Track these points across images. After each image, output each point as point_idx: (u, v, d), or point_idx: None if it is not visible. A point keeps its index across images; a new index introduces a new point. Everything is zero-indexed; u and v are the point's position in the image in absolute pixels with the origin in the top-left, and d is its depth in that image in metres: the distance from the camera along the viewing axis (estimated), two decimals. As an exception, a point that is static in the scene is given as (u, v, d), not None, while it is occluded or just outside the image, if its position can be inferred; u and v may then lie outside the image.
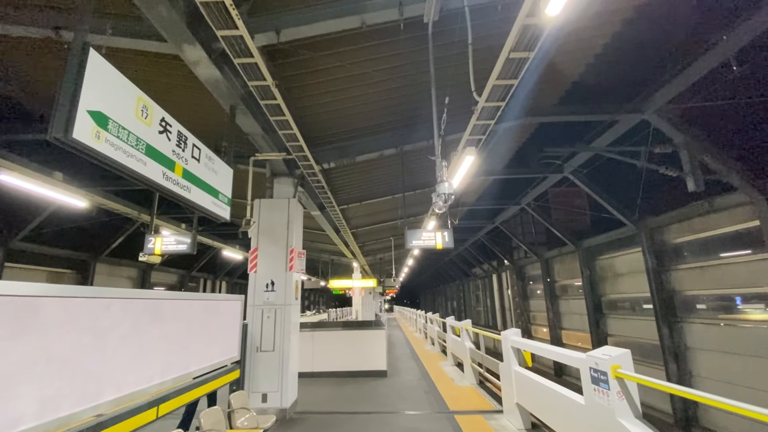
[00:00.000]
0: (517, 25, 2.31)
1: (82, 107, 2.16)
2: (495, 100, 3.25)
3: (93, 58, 2.27)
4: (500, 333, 5.35)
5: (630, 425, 2.67)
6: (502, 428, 4.82)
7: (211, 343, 3.89)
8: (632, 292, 11.31)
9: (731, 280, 8.09)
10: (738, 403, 1.96)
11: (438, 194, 3.52)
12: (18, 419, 1.83)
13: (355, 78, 5.15)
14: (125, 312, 2.59)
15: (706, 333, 8.75)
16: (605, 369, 2.88)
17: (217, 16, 2.66)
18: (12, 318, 1.78)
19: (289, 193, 6.50)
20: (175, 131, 3.16)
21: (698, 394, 2.22)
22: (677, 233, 9.50)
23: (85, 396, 2.24)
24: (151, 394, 2.84)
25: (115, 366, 2.49)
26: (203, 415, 3.40)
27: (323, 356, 8.37)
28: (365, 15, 3.74)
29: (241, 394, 4.21)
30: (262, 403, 5.39)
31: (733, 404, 1.96)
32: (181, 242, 7.28)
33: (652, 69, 6.55)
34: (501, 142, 8.81)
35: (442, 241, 6.68)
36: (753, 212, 7.07)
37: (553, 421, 3.97)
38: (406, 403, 6.21)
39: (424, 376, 8.36)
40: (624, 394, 2.80)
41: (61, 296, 2.05)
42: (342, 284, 19.25)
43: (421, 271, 41.93)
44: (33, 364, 1.90)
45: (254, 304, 5.74)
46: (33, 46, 4.28)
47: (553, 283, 16.44)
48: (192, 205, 3.45)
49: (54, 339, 2.02)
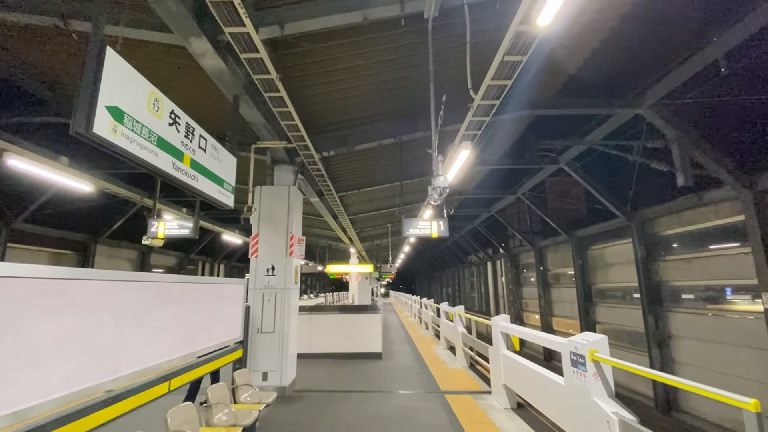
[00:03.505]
0: (511, 32, 2.45)
1: (101, 103, 2.31)
2: (490, 98, 3.40)
3: (110, 55, 2.39)
4: (491, 319, 5.62)
5: (603, 403, 2.92)
6: (490, 407, 5.13)
7: (217, 324, 4.11)
8: (621, 282, 11.65)
9: (715, 272, 8.39)
10: (695, 383, 2.20)
11: (434, 187, 3.70)
12: (50, 389, 2.04)
13: (355, 68, 5.24)
14: (140, 294, 2.79)
15: (690, 322, 9.10)
16: (583, 353, 3.13)
17: (226, 14, 2.77)
18: (47, 298, 1.97)
19: (289, 181, 6.64)
20: (184, 123, 3.30)
21: (663, 375, 2.46)
22: (666, 226, 9.77)
23: (105, 370, 2.45)
24: (162, 369, 3.06)
25: (131, 343, 2.70)
26: (210, 390, 3.64)
27: (321, 338, 8.67)
28: (367, 10, 3.83)
29: (244, 372, 4.46)
30: (263, 381, 5.67)
31: (688, 383, 2.20)
32: (183, 227, 7.45)
33: (648, 65, 6.66)
34: (498, 133, 8.94)
35: (437, 230, 6.89)
36: (739, 207, 7.30)
37: (536, 401, 4.26)
38: (400, 383, 6.52)
39: (417, 358, 8.70)
40: (599, 376, 3.05)
41: (86, 279, 2.24)
42: (339, 269, 19.55)
43: (418, 258, 42.39)
44: (63, 340, 2.10)
45: (255, 288, 5.96)
46: (41, 33, 4.35)
47: (546, 272, 16.80)
48: (199, 194, 3.62)
49: (80, 318, 2.22)
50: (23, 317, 1.86)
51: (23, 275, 1.85)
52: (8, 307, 1.77)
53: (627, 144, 7.92)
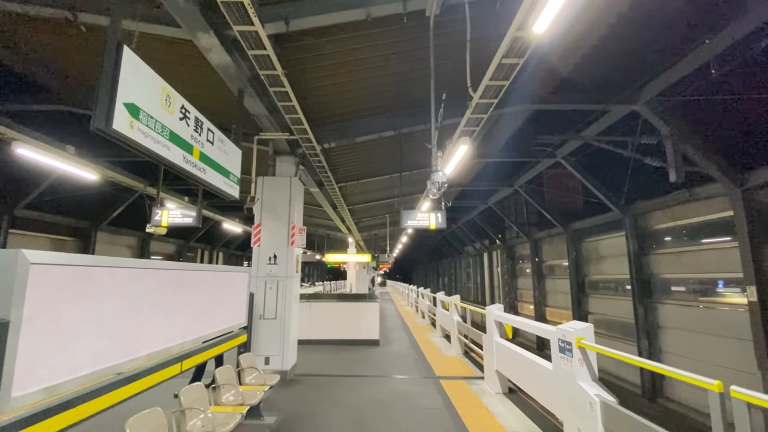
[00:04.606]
0: (508, 37, 2.58)
1: (119, 101, 2.43)
2: (488, 97, 3.53)
3: (126, 54, 2.51)
4: (485, 308, 5.84)
5: (587, 386, 3.14)
6: (482, 392, 5.38)
7: (223, 310, 4.30)
8: (614, 274, 11.93)
9: (704, 266, 8.65)
10: (665, 366, 2.41)
11: (432, 182, 3.85)
12: (78, 367, 2.21)
13: (357, 62, 5.33)
14: (155, 281, 2.96)
15: (677, 313, 9.40)
16: (570, 340, 3.34)
17: (236, 13, 2.88)
18: (74, 284, 2.13)
19: (290, 172, 6.77)
20: (193, 117, 3.42)
21: (635, 358, 2.67)
22: (658, 220, 9.99)
23: (125, 351, 2.63)
24: (175, 351, 3.25)
25: (147, 327, 2.88)
26: (218, 372, 3.84)
27: (320, 325, 8.90)
28: (371, 8, 3.93)
29: (248, 356, 4.67)
30: (265, 365, 5.89)
31: (660, 366, 2.41)
32: (186, 215, 7.59)
33: (645, 62, 6.77)
34: (497, 127, 9.06)
35: (435, 222, 7.07)
36: (728, 203, 7.51)
37: (526, 385, 4.50)
38: (396, 369, 6.77)
39: (413, 345, 8.96)
40: (584, 362, 3.27)
41: (108, 266, 2.39)
42: (337, 258, 19.76)
43: (415, 247, 42.69)
44: (89, 322, 2.27)
45: (258, 276, 6.14)
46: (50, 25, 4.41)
47: (541, 263, 17.09)
48: (207, 186, 3.76)
49: (103, 302, 2.38)
50: (55, 301, 2.02)
51: (54, 262, 2.01)
52: (43, 293, 1.94)
53: (622, 140, 8.07)
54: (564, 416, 3.48)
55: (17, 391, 1.82)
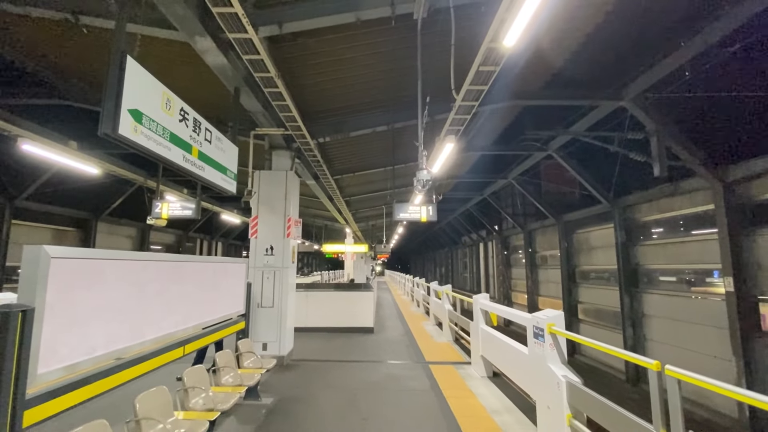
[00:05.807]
0: (484, 46, 2.78)
1: (123, 107, 2.65)
2: (470, 100, 3.75)
3: (129, 63, 2.72)
4: (472, 297, 6.13)
5: (555, 368, 3.44)
6: (468, 376, 5.71)
7: (222, 299, 4.57)
8: (603, 264, 12.25)
9: (686, 257, 8.95)
10: (609, 346, 2.69)
11: (418, 179, 4.08)
12: (93, 348, 2.48)
13: (348, 60, 5.51)
14: (157, 271, 3.21)
15: (661, 303, 9.74)
16: (543, 326, 3.62)
17: (231, 23, 3.07)
18: (88, 275, 2.39)
19: (286, 166, 6.98)
20: (192, 118, 3.63)
21: (588, 340, 2.96)
22: (645, 212, 10.26)
23: (133, 335, 2.90)
24: (178, 336, 3.52)
25: (152, 314, 3.14)
26: (218, 355, 4.13)
27: (317, 313, 9.21)
28: (360, 12, 4.11)
29: (247, 341, 4.96)
30: (263, 351, 6.20)
31: (603, 345, 2.69)
32: (186, 207, 7.83)
33: (631, 59, 6.94)
34: (489, 121, 9.24)
35: (426, 214, 7.31)
36: (709, 196, 7.77)
37: (507, 369, 4.82)
38: (389, 355, 7.10)
39: (407, 333, 9.30)
40: (555, 346, 3.55)
41: (116, 259, 2.64)
42: (335, 249, 20.06)
43: (412, 238, 43.07)
44: (101, 309, 2.53)
45: (255, 266, 6.40)
46: (51, 26, 4.58)
47: (534, 254, 17.42)
48: (205, 182, 3.99)
49: (112, 291, 2.64)
50: (72, 290, 2.28)
51: (71, 256, 2.26)
52: (62, 282, 2.19)
53: (609, 135, 8.28)
54: (536, 395, 3.79)
55: (42, 368, 2.08)
